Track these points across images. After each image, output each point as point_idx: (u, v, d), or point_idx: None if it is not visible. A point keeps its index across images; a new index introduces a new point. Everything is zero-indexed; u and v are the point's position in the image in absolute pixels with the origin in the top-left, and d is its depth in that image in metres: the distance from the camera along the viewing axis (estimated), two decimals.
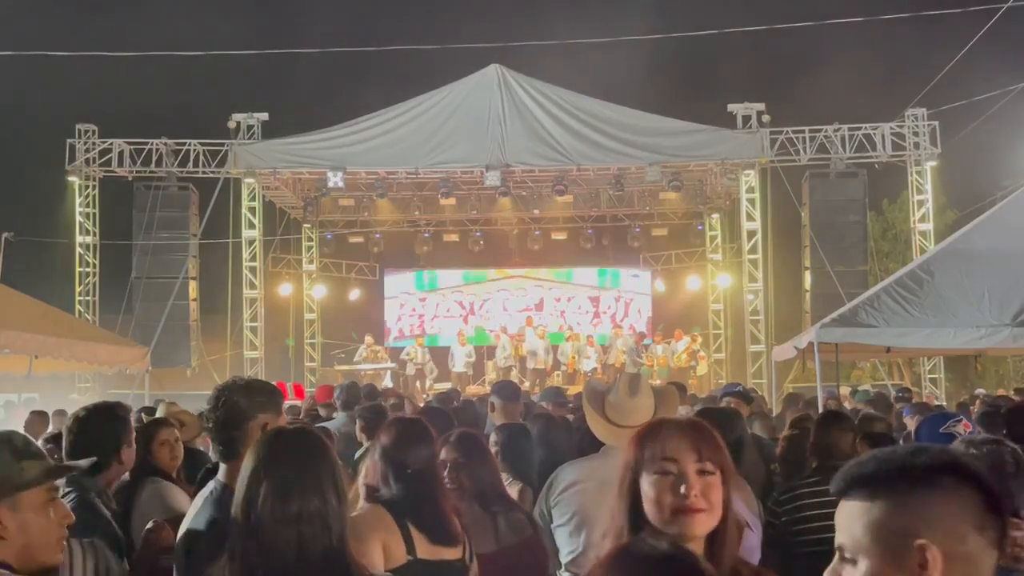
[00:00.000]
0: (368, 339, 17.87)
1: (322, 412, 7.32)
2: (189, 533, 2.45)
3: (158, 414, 6.27)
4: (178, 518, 2.73)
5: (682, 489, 1.75)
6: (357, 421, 5.26)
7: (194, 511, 2.55)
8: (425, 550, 2.57)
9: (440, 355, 18.56)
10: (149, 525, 2.95)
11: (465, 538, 2.71)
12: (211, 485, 2.58)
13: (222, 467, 2.58)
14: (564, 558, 3.04)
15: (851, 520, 1.19)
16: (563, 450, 4.10)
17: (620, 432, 3.15)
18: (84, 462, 2.19)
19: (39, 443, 4.94)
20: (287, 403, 9.38)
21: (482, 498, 2.92)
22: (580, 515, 3.05)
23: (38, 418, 8.03)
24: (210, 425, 2.59)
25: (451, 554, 2.64)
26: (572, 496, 3.11)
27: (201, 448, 5.07)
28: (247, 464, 2.05)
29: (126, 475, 3.46)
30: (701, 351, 17.83)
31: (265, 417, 2.56)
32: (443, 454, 3.01)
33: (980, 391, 12.68)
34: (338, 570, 2.00)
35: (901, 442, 5.44)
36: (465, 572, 2.68)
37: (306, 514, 1.97)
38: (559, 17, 27.64)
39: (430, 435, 2.82)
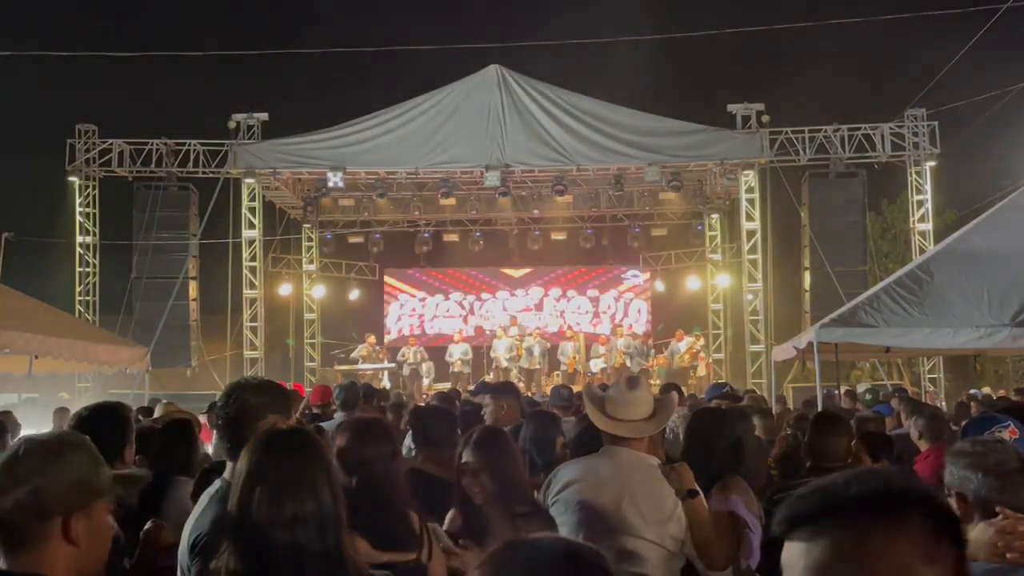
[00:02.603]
0: (371, 339, 17.90)
1: (317, 412, 7.29)
2: (193, 532, 2.45)
3: (156, 414, 6.29)
4: None
5: None
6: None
7: (199, 510, 2.55)
8: (368, 556, 2.47)
9: (439, 354, 18.58)
10: (148, 525, 2.96)
11: (427, 540, 2.63)
12: (216, 483, 2.58)
13: (228, 466, 2.58)
14: None
15: (792, 563, 1.06)
16: (553, 449, 4.11)
17: (618, 425, 3.17)
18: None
19: None
20: None
21: (504, 499, 2.88)
22: (578, 514, 3.05)
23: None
24: (220, 422, 2.60)
25: (400, 556, 2.56)
26: (570, 495, 3.12)
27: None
28: (241, 465, 2.03)
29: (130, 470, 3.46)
30: (703, 352, 17.85)
31: (275, 417, 2.55)
32: (464, 456, 2.97)
33: (974, 391, 12.69)
34: (335, 571, 2.00)
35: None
36: (422, 572, 2.60)
37: (301, 516, 1.95)
38: (559, 17, 27.69)
39: (383, 435, 2.78)
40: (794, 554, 1.05)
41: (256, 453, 2.05)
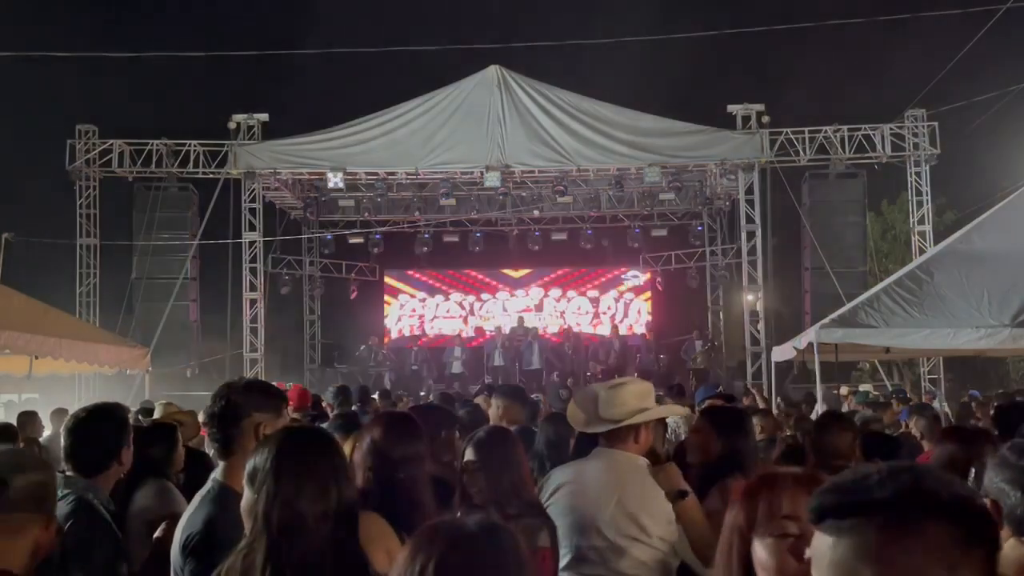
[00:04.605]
0: (373, 339, 17.93)
1: (314, 413, 7.22)
2: (185, 531, 2.45)
3: (156, 414, 6.30)
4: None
5: (806, 553, 1.34)
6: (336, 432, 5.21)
7: (191, 509, 2.55)
8: None
9: (441, 355, 18.64)
10: (161, 530, 2.95)
11: None
12: (209, 483, 2.58)
13: (219, 465, 2.59)
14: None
15: (820, 554, 1.06)
16: (569, 452, 4.11)
17: (597, 423, 3.15)
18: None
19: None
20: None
21: (498, 500, 2.84)
22: (569, 517, 3.04)
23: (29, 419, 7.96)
24: (207, 422, 2.63)
25: None
26: (560, 498, 3.11)
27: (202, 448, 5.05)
28: (261, 463, 2.02)
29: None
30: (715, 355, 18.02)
31: (261, 416, 2.56)
32: (466, 455, 2.96)
33: (973, 392, 12.69)
34: (359, 569, 2.01)
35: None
36: None
37: (331, 511, 1.97)
38: (559, 18, 27.69)
39: (420, 431, 2.78)
40: (823, 546, 1.06)
41: (279, 449, 2.04)
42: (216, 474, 2.58)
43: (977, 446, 2.82)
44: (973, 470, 2.67)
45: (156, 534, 2.94)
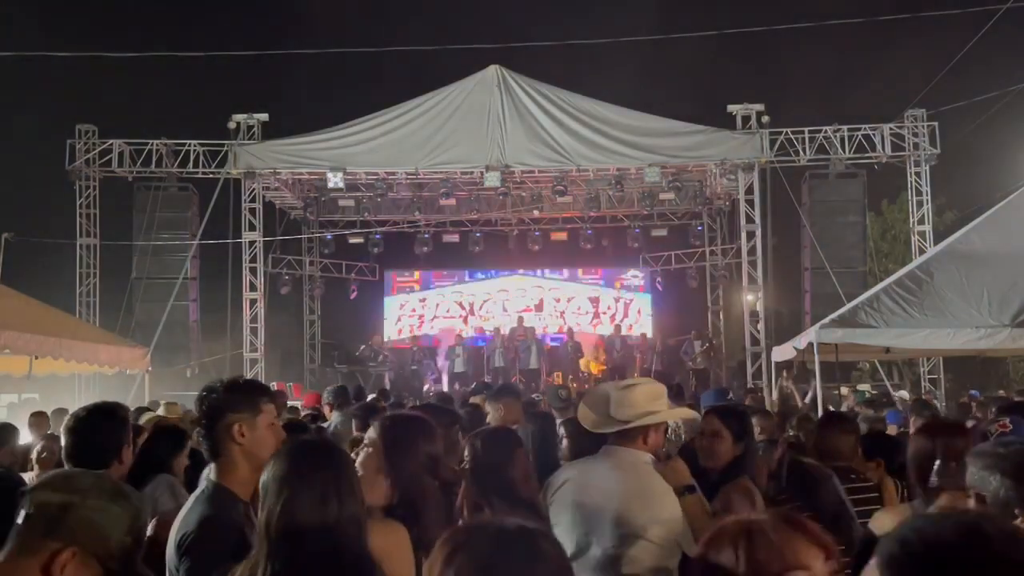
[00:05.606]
0: (376, 338, 17.93)
1: (315, 413, 7.30)
2: (179, 531, 2.46)
3: (158, 413, 6.31)
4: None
5: None
6: (353, 421, 5.26)
7: (186, 509, 2.56)
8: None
9: (440, 355, 18.64)
10: (152, 530, 2.95)
11: None
12: (203, 484, 2.61)
13: (210, 466, 2.61)
14: None
15: None
16: (555, 448, 4.11)
17: (608, 423, 3.16)
18: None
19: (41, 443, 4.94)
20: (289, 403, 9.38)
21: (494, 504, 2.86)
22: (571, 514, 3.05)
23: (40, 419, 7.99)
24: (196, 424, 2.66)
25: None
26: (565, 494, 3.12)
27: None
28: (267, 476, 2.06)
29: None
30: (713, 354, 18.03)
31: (236, 417, 2.56)
32: (467, 453, 2.97)
33: (971, 392, 12.71)
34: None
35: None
36: None
37: (343, 519, 1.99)
38: (559, 18, 27.70)
39: (434, 431, 2.77)
40: None
41: (290, 459, 2.08)
42: (210, 475, 2.59)
43: (943, 439, 2.83)
44: (938, 462, 2.73)
45: (147, 533, 2.94)
